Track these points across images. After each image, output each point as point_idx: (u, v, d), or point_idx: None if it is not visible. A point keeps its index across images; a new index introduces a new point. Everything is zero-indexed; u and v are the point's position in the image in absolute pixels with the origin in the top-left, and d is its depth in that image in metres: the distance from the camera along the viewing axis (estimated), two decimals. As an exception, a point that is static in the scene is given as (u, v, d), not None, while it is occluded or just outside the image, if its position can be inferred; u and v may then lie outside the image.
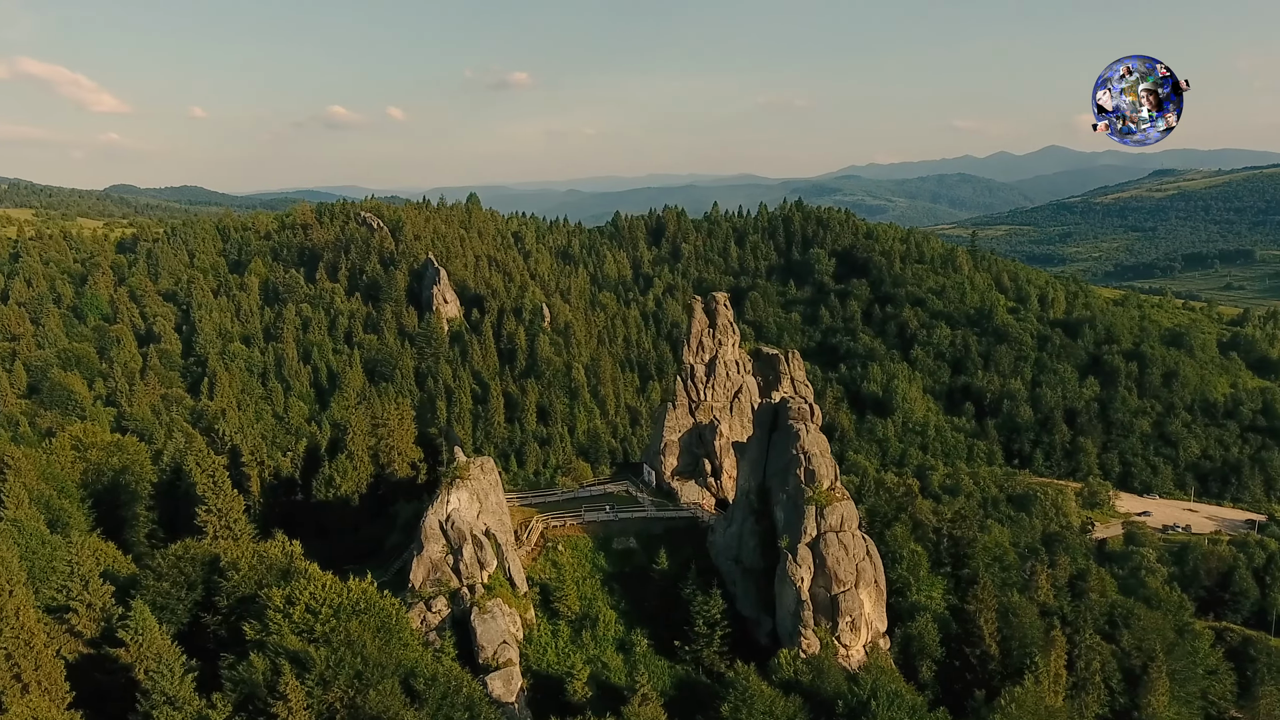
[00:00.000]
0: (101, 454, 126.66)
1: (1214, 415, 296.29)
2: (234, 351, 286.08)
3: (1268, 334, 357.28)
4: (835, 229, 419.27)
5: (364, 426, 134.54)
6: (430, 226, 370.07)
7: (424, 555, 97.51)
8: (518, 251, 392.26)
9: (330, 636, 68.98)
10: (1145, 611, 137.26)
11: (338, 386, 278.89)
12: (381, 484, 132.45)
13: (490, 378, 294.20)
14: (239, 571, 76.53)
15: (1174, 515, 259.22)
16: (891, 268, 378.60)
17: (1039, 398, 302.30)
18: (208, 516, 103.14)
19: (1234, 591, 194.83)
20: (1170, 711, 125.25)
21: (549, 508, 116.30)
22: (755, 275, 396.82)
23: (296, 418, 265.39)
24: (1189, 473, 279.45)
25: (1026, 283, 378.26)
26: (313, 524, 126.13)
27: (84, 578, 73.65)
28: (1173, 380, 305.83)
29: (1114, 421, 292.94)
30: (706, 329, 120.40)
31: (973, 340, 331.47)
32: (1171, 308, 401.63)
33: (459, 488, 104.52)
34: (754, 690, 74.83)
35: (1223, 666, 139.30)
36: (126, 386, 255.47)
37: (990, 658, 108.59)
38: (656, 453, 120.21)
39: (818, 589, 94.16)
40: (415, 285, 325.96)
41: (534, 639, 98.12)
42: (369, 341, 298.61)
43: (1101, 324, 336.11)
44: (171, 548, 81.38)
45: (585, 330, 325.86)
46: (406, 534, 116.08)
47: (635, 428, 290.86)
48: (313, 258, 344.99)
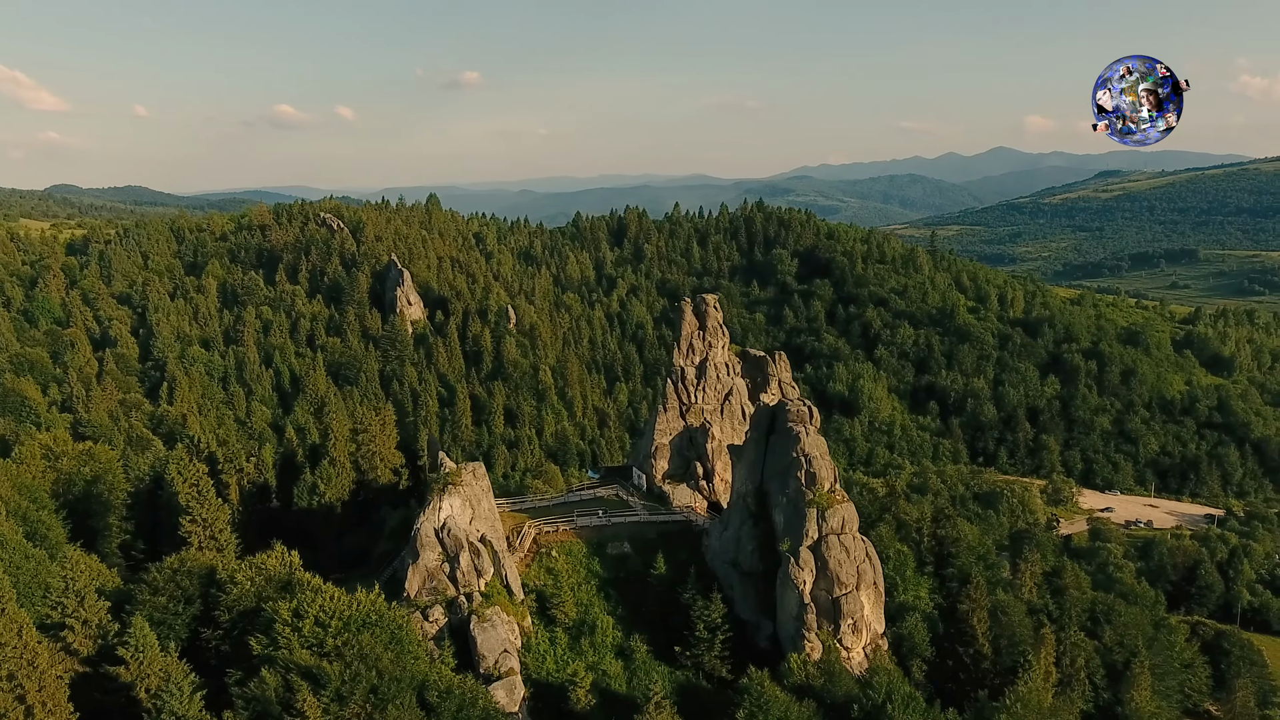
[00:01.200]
0: (73, 463, 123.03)
1: (1171, 412, 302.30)
2: (193, 355, 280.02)
3: (1220, 332, 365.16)
4: (796, 229, 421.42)
5: (344, 432, 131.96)
6: (391, 227, 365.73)
7: (419, 564, 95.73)
8: (479, 253, 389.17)
9: (343, 650, 67.33)
10: (1125, 607, 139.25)
11: (301, 390, 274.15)
12: (363, 490, 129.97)
13: (456, 380, 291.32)
14: (238, 585, 74.37)
15: (1135, 511, 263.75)
16: (853, 268, 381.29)
17: (1002, 396, 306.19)
18: (192, 527, 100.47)
19: (1200, 586, 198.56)
20: (1152, 706, 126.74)
21: (539, 513, 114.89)
22: (718, 276, 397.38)
23: (260, 422, 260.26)
24: (1149, 469, 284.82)
25: (986, 282, 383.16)
26: (295, 532, 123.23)
27: (79, 593, 71.14)
28: (1131, 378, 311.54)
29: (1075, 419, 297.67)
30: (696, 331, 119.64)
31: (935, 340, 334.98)
32: (1126, 307, 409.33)
33: (451, 494, 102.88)
34: (769, 696, 74.23)
35: (1198, 660, 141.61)
36: (83, 392, 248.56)
37: (984, 657, 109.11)
38: (647, 456, 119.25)
39: (819, 591, 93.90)
40: (378, 287, 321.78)
41: (532, 647, 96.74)
42: (332, 344, 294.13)
43: (1060, 323, 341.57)
44: (166, 560, 78.92)
45: (551, 332, 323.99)
46: (395, 541, 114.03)
47: (604, 429, 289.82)
48: (272, 259, 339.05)
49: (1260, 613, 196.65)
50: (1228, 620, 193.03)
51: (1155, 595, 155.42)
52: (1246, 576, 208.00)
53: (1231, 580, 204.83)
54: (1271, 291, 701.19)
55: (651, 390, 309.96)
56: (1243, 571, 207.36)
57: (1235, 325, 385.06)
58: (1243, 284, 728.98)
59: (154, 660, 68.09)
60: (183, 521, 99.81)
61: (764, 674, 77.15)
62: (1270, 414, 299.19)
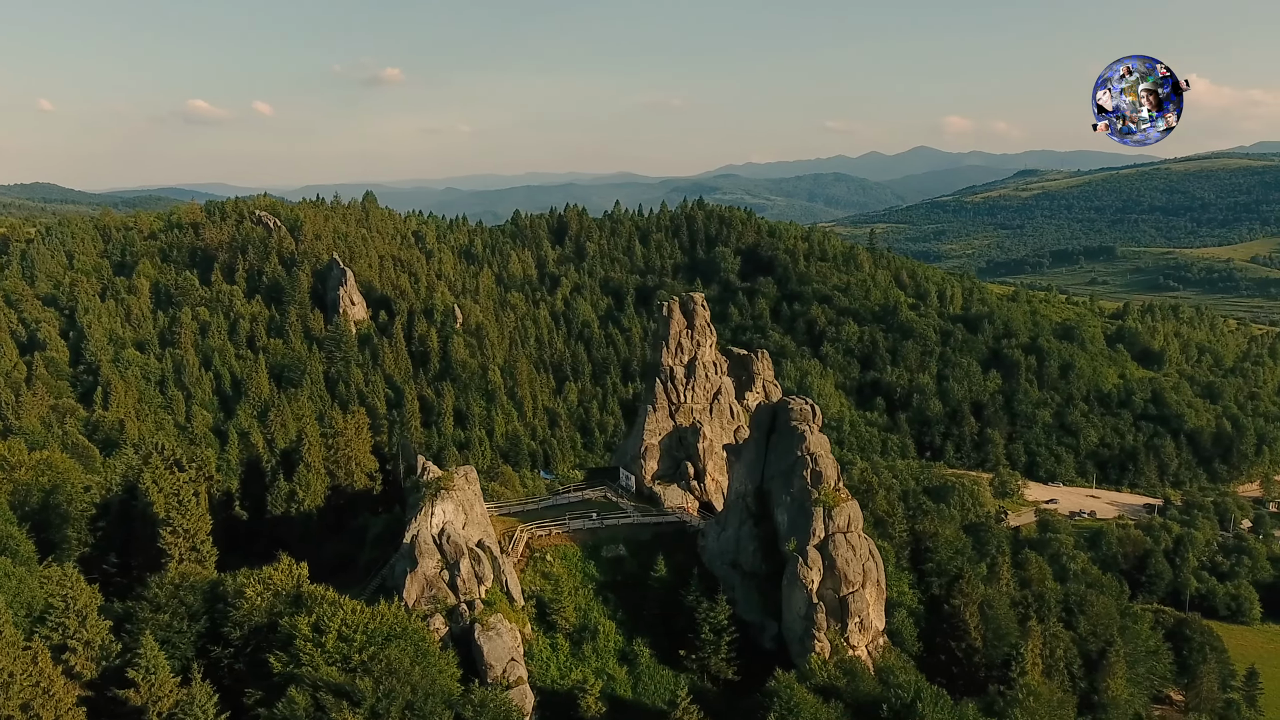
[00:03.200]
0: (30, 473, 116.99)
1: (1109, 405, 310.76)
2: (128, 358, 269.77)
3: (1149, 327, 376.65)
4: (738, 227, 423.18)
5: (318, 436, 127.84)
6: (330, 226, 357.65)
7: (418, 571, 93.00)
8: (420, 251, 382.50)
9: (370, 665, 64.62)
10: (1097, 597, 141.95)
11: (244, 393, 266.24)
12: (339, 496, 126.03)
13: (404, 381, 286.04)
14: (248, 600, 70.93)
15: (1079, 502, 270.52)
16: (796, 266, 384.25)
17: (946, 391, 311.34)
18: (173, 539, 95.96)
19: (1150, 574, 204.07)
20: (1125, 693, 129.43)
21: (529, 516, 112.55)
22: (661, 274, 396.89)
23: (201, 427, 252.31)
24: (1089, 460, 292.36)
25: (925, 279, 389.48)
26: (270, 541, 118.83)
27: (80, 613, 67.01)
28: (1069, 372, 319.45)
29: (1018, 413, 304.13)
30: (684, 330, 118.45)
31: (880, 336, 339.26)
32: (1057, 302, 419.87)
33: (444, 499, 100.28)
34: (798, 699, 73.38)
35: (1162, 647, 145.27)
36: (12, 397, 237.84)
37: (975, 650, 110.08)
38: (636, 456, 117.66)
39: (826, 590, 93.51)
40: (319, 286, 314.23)
41: (534, 654, 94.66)
42: (274, 346, 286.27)
43: (999, 319, 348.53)
44: (167, 575, 75.06)
45: (498, 331, 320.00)
46: (380, 549, 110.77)
47: (555, 430, 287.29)
48: (206, 259, 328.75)
49: (1207, 599, 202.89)
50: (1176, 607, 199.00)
51: (1120, 585, 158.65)
52: (1191, 564, 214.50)
53: (1178, 568, 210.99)
54: (1186, 286, 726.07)
55: (601, 389, 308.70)
56: (1188, 559, 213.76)
57: (1162, 320, 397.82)
58: (1158, 280, 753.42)
59: (165, 682, 64.56)
60: (163, 533, 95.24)
61: (790, 676, 76.30)
62: (1201, 405, 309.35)
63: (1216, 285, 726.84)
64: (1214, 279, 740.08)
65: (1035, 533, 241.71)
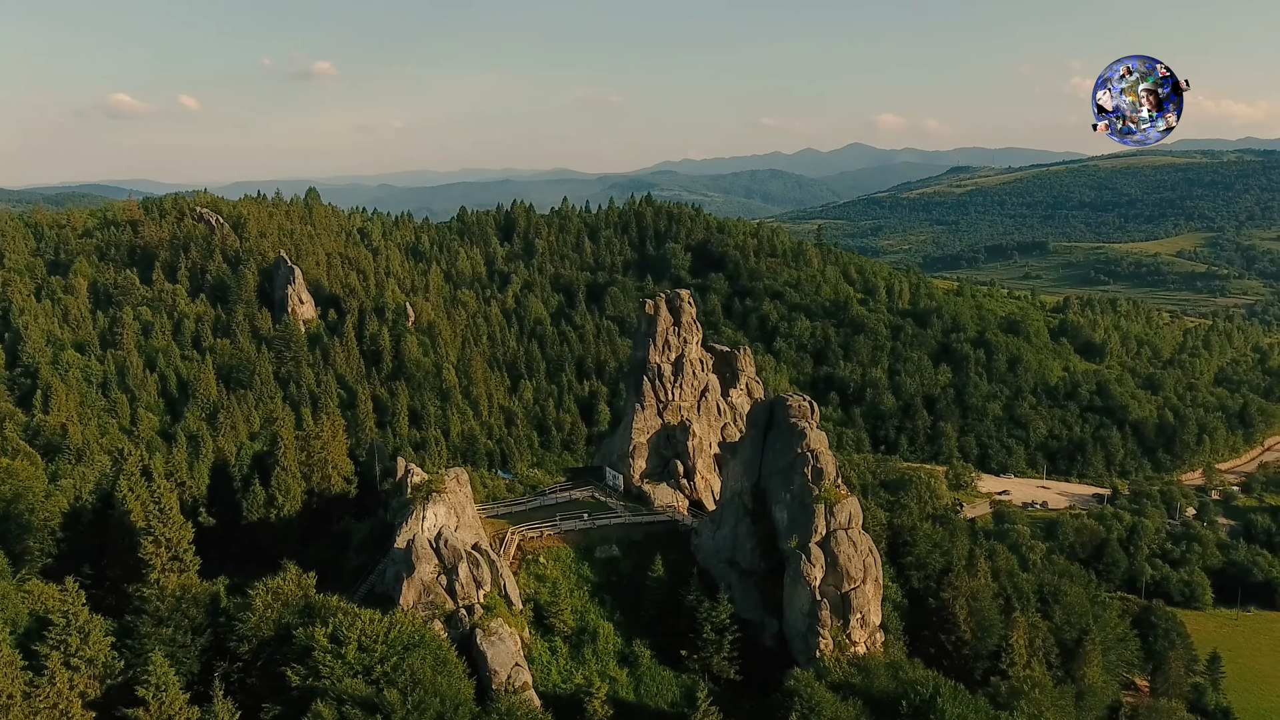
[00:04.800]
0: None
1: (1056, 397, 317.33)
2: (68, 360, 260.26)
3: (1089, 320, 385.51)
4: (687, 224, 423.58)
5: (292, 439, 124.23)
6: (274, 223, 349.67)
7: (415, 577, 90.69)
8: (366, 249, 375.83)
9: (394, 676, 62.54)
10: (1070, 586, 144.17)
11: (191, 395, 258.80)
12: (316, 501, 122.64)
13: (356, 381, 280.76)
14: (256, 611, 68.22)
15: (1030, 493, 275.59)
16: (747, 262, 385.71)
17: (899, 385, 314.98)
18: (154, 548, 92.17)
19: (1107, 562, 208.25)
20: (1101, 681, 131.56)
21: (518, 518, 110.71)
22: (612, 270, 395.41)
23: (147, 430, 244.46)
24: (1039, 452, 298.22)
25: (873, 275, 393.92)
26: (246, 549, 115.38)
27: (83, 629, 63.83)
28: (1017, 365, 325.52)
29: (969, 406, 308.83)
30: (671, 326, 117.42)
31: (831, 332, 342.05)
32: (1000, 297, 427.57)
33: (436, 502, 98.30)
34: (819, 697, 72.87)
35: (1129, 635, 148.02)
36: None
37: (965, 643, 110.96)
38: (623, 455, 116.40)
39: (828, 587, 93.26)
40: (266, 285, 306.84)
41: (534, 658, 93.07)
42: (221, 346, 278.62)
43: (947, 313, 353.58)
44: (168, 588, 71.87)
45: (450, 330, 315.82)
46: (365, 554, 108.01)
47: (511, 429, 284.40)
48: (146, 257, 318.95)
49: (1162, 585, 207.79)
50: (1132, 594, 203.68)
51: (1088, 574, 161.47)
52: (1144, 552, 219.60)
53: (1133, 556, 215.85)
54: (1116, 281, 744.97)
55: (557, 387, 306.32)
56: (1141, 547, 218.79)
57: (1101, 313, 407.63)
58: (1089, 274, 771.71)
59: (175, 699, 61.80)
60: (144, 543, 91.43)
61: (809, 674, 75.78)
62: (1144, 397, 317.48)
63: (1145, 279, 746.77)
64: (1142, 273, 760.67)
65: (991, 524, 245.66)
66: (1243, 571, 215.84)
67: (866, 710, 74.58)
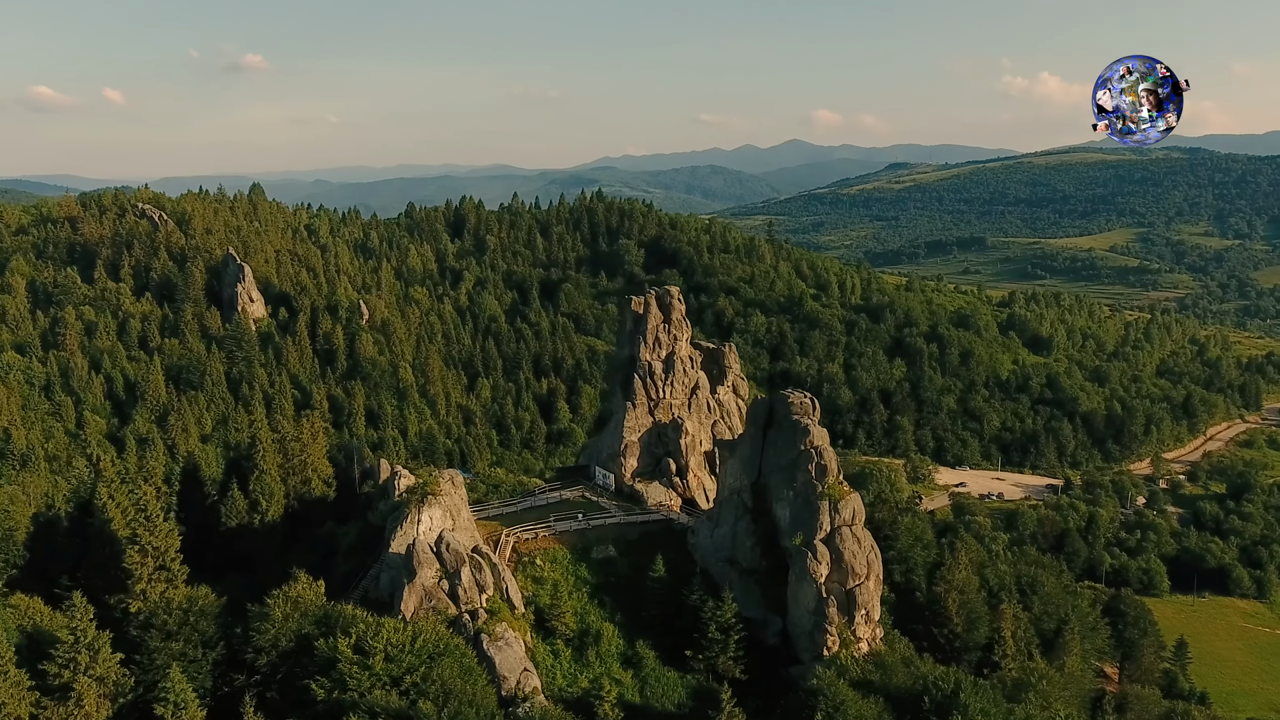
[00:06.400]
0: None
1: (1008, 390, 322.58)
2: (8, 362, 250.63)
3: (1036, 314, 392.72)
4: (639, 220, 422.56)
5: (271, 442, 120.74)
6: (220, 219, 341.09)
7: (416, 582, 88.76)
8: (314, 246, 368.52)
9: (424, 686, 60.65)
10: (1047, 577, 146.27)
11: (140, 397, 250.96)
12: (295, 505, 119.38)
13: (310, 381, 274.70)
14: (274, 622, 65.68)
15: (986, 484, 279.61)
16: (700, 258, 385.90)
17: (855, 380, 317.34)
18: (140, 558, 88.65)
19: (1068, 552, 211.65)
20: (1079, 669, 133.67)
21: (510, 520, 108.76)
22: (565, 267, 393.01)
23: (94, 434, 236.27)
24: (993, 444, 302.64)
25: (825, 270, 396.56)
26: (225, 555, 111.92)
27: (91, 647, 60.82)
28: (969, 359, 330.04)
29: (924, 400, 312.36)
30: (661, 324, 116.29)
31: (787, 327, 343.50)
32: (948, 292, 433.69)
33: (431, 505, 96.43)
34: (843, 696, 72.43)
35: (1100, 624, 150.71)
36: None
37: (956, 636, 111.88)
38: (614, 454, 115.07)
39: (833, 584, 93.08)
40: (214, 283, 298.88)
41: (537, 662, 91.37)
42: (170, 346, 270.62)
43: (900, 308, 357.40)
44: (175, 600, 68.86)
45: (404, 328, 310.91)
46: (356, 559, 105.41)
47: (470, 427, 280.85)
48: (87, 255, 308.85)
49: (1121, 573, 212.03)
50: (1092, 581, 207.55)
51: (1060, 565, 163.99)
52: (1101, 541, 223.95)
53: (1091, 545, 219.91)
54: (1052, 275, 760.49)
55: (514, 385, 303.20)
56: (1100, 536, 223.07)
57: (1046, 307, 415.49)
58: (1027, 269, 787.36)
59: (195, 716, 59.19)
60: (130, 552, 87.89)
61: (832, 673, 75.31)
62: (1092, 389, 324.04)
63: (1080, 274, 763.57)
64: (1078, 267, 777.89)
65: (950, 516, 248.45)
66: (1196, 559, 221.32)
67: (889, 707, 74.33)
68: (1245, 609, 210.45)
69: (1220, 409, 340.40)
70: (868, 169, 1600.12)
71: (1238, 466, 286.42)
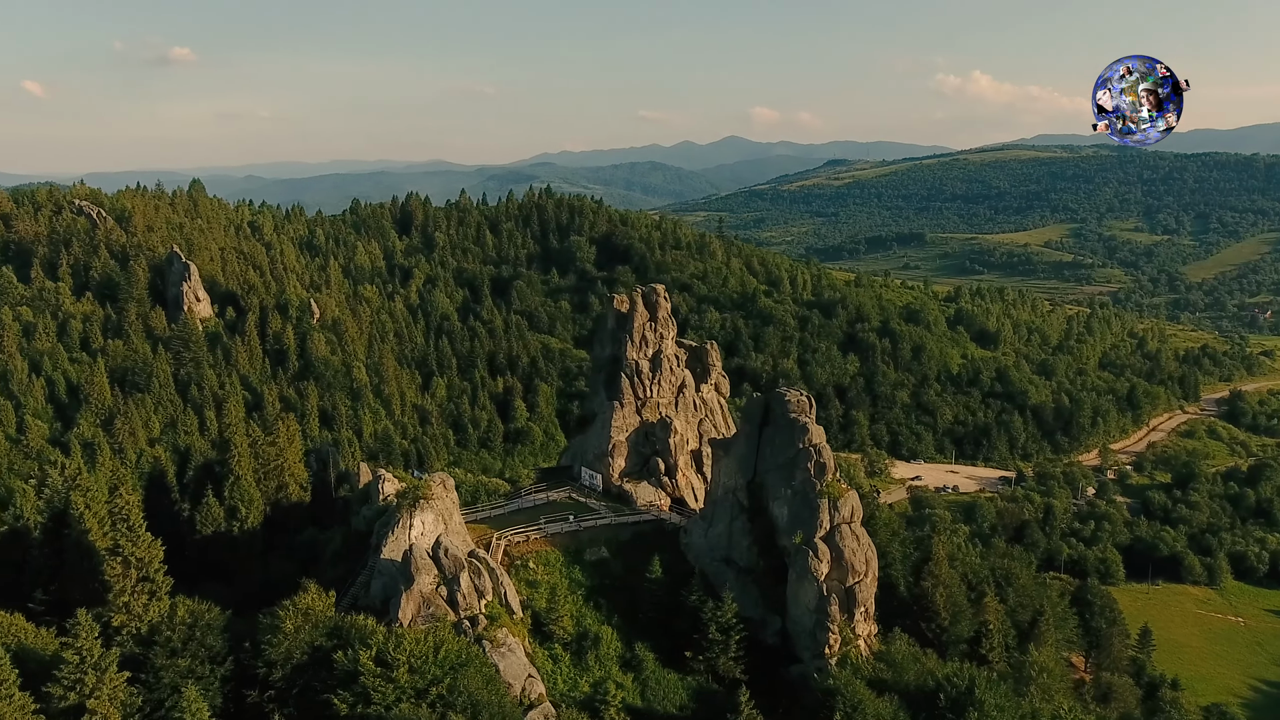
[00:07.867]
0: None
1: (959, 384, 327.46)
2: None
3: (982, 309, 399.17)
4: (589, 216, 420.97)
5: (246, 446, 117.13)
6: (161, 216, 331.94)
7: (414, 589, 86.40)
8: (259, 243, 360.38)
9: (451, 699, 58.88)
10: (1020, 569, 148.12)
11: (85, 400, 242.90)
12: (272, 510, 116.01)
13: (261, 382, 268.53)
14: (286, 635, 63.31)
15: (941, 477, 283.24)
16: (652, 255, 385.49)
17: (810, 375, 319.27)
18: (121, 569, 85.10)
19: (1028, 543, 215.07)
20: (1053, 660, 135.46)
21: (499, 522, 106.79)
22: (516, 264, 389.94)
23: (37, 439, 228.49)
24: (946, 437, 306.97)
25: (776, 267, 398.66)
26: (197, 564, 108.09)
27: (99, 666, 57.96)
28: (920, 354, 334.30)
29: (878, 394, 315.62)
30: (647, 322, 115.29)
31: (741, 323, 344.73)
32: (896, 287, 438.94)
33: (423, 509, 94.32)
34: (860, 695, 72.15)
35: (1069, 614, 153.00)
36: None
37: (944, 630, 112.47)
38: (601, 454, 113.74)
39: (833, 582, 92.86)
40: (158, 282, 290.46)
41: (538, 667, 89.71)
42: (114, 348, 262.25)
43: (851, 304, 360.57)
44: (178, 615, 65.97)
45: (356, 327, 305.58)
46: (341, 566, 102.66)
47: (426, 427, 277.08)
48: (21, 253, 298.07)
49: (1079, 563, 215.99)
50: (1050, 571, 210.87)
51: (1029, 557, 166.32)
52: (1059, 531, 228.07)
53: (1049, 535, 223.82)
54: (990, 270, 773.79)
55: (470, 384, 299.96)
56: (1056, 527, 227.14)
57: (991, 302, 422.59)
58: (965, 264, 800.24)
59: (210, 737, 56.76)
60: (111, 564, 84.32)
61: (847, 672, 75.00)
62: (1040, 382, 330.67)
63: (1017, 269, 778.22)
64: (1014, 263, 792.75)
65: (909, 509, 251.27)
66: (1149, 548, 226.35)
67: (904, 705, 74.26)
68: (1198, 596, 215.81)
69: (1162, 400, 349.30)
70: (806, 165, 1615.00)
71: (1182, 457, 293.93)
